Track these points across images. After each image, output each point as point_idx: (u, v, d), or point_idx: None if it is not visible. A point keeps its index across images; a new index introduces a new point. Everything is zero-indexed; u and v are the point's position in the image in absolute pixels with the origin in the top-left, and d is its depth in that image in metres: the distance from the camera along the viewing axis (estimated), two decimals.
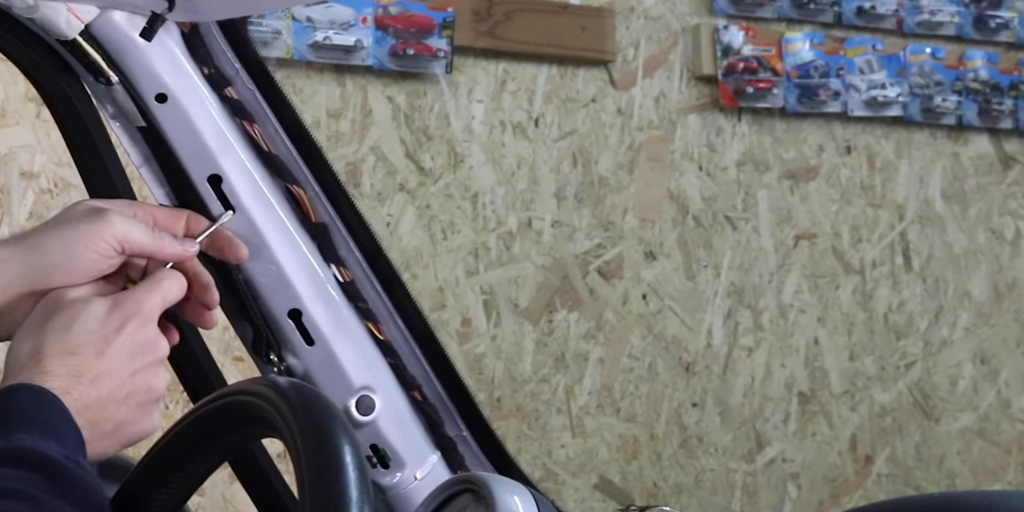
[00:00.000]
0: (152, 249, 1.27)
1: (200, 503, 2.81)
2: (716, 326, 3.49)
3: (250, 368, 1.43)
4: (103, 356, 1.20)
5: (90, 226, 1.24)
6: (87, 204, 1.28)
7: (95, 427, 1.18)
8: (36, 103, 2.73)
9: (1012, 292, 3.85)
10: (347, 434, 1.10)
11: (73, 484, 1.09)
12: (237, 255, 1.34)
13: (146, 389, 1.23)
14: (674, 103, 3.46)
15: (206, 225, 1.33)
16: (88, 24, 1.31)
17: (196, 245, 1.31)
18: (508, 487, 1.23)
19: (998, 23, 3.83)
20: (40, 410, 1.14)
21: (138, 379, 1.22)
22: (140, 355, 1.22)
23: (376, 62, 3.09)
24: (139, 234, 1.26)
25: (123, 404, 1.21)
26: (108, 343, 1.21)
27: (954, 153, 3.80)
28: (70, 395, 1.17)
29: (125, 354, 1.21)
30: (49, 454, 1.09)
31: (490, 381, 3.22)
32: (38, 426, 1.12)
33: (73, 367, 1.18)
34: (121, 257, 1.26)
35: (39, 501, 1.05)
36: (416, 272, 3.14)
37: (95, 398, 1.19)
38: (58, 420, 1.14)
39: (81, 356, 1.19)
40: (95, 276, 1.25)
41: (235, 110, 1.37)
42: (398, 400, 1.42)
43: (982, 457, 3.80)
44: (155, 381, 1.23)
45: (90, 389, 1.19)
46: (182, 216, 1.33)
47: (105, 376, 1.20)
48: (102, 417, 1.19)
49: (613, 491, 3.36)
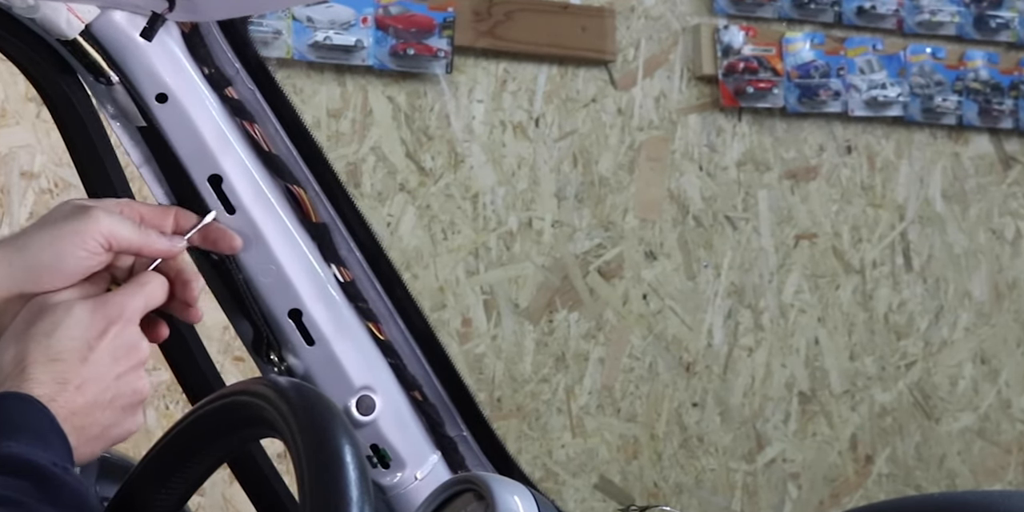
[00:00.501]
0: (139, 245, 1.27)
1: (200, 503, 2.81)
2: (716, 326, 3.49)
3: (250, 368, 1.43)
4: (87, 362, 1.20)
5: (76, 224, 1.24)
6: (72, 203, 1.28)
7: (81, 432, 1.18)
8: (36, 103, 2.73)
9: (1012, 292, 3.85)
10: (347, 434, 1.10)
11: (61, 490, 1.09)
12: (231, 245, 1.34)
13: (131, 392, 1.22)
14: (674, 103, 3.46)
15: (195, 221, 1.33)
16: (88, 24, 1.31)
17: (184, 241, 1.30)
18: (508, 487, 1.23)
19: (998, 23, 3.83)
20: (27, 418, 1.14)
21: (122, 382, 1.22)
22: (123, 358, 1.22)
23: (376, 62, 3.09)
24: (125, 230, 1.26)
25: (108, 408, 1.21)
26: (91, 348, 1.20)
27: (954, 153, 3.80)
28: (56, 402, 1.17)
29: (108, 358, 1.21)
30: (37, 460, 1.09)
31: (490, 381, 3.22)
32: (25, 433, 1.11)
33: (58, 374, 1.18)
34: (109, 254, 1.25)
35: (27, 507, 1.05)
36: (416, 272, 3.14)
37: (81, 405, 1.19)
38: (45, 427, 1.14)
39: (65, 363, 1.19)
40: (84, 274, 1.25)
41: (235, 110, 1.37)
42: (398, 400, 1.42)
43: (982, 457, 3.80)
44: (139, 383, 1.23)
45: (76, 396, 1.18)
46: (170, 213, 1.32)
47: (90, 382, 1.19)
48: (88, 422, 1.19)
49: (613, 491, 3.36)
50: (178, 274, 1.30)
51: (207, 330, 1.42)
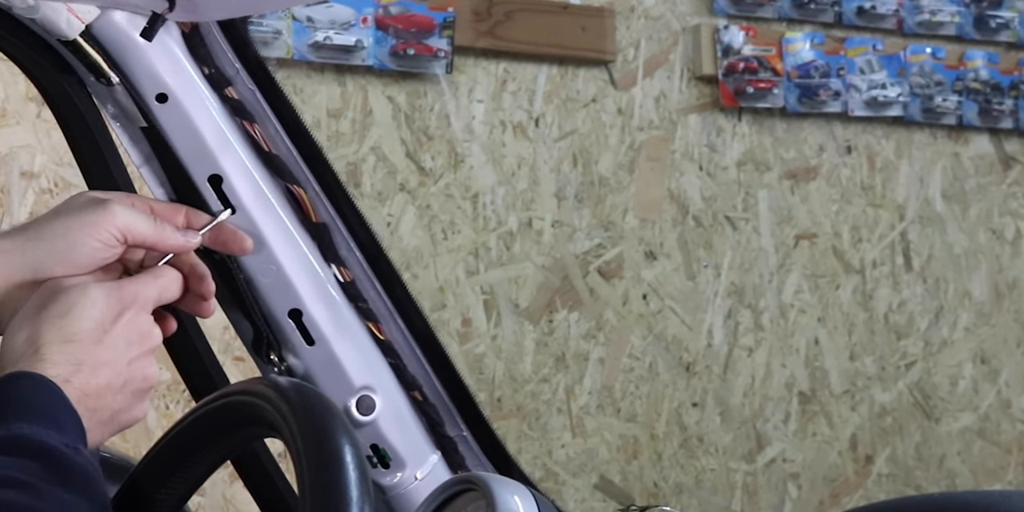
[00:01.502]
0: (154, 239, 1.27)
1: (200, 503, 2.81)
2: (716, 326, 3.49)
3: (250, 368, 1.43)
4: (101, 344, 1.20)
5: (92, 216, 1.24)
6: (88, 195, 1.28)
7: (93, 415, 1.18)
8: (36, 103, 2.73)
9: (1012, 292, 3.85)
10: (347, 434, 1.10)
11: (72, 472, 1.08)
12: (242, 247, 1.34)
13: (141, 378, 1.22)
14: (674, 103, 3.46)
15: (205, 220, 1.33)
16: (89, 24, 1.31)
17: (199, 237, 1.31)
18: (508, 487, 1.23)
19: (998, 23, 3.83)
20: (40, 398, 1.13)
21: (134, 368, 1.22)
22: (136, 344, 1.22)
23: (376, 62, 3.09)
24: (141, 224, 1.26)
25: (120, 392, 1.20)
26: (106, 331, 1.20)
27: (954, 153, 3.80)
28: (70, 383, 1.16)
29: (122, 342, 1.21)
30: (48, 442, 1.09)
31: (490, 381, 3.22)
32: (38, 414, 1.11)
33: (72, 355, 1.18)
34: (122, 247, 1.26)
35: (38, 489, 1.05)
36: (416, 272, 3.14)
37: (94, 387, 1.18)
38: (58, 408, 1.14)
39: (80, 344, 1.19)
40: (97, 265, 1.25)
41: (235, 110, 1.37)
42: (398, 400, 1.42)
43: (982, 457, 3.80)
44: (150, 370, 1.23)
45: (90, 378, 1.18)
46: (181, 210, 1.33)
47: (104, 365, 1.19)
48: (100, 405, 1.19)
49: (613, 491, 3.36)
50: (192, 269, 1.30)
51: (207, 330, 1.42)
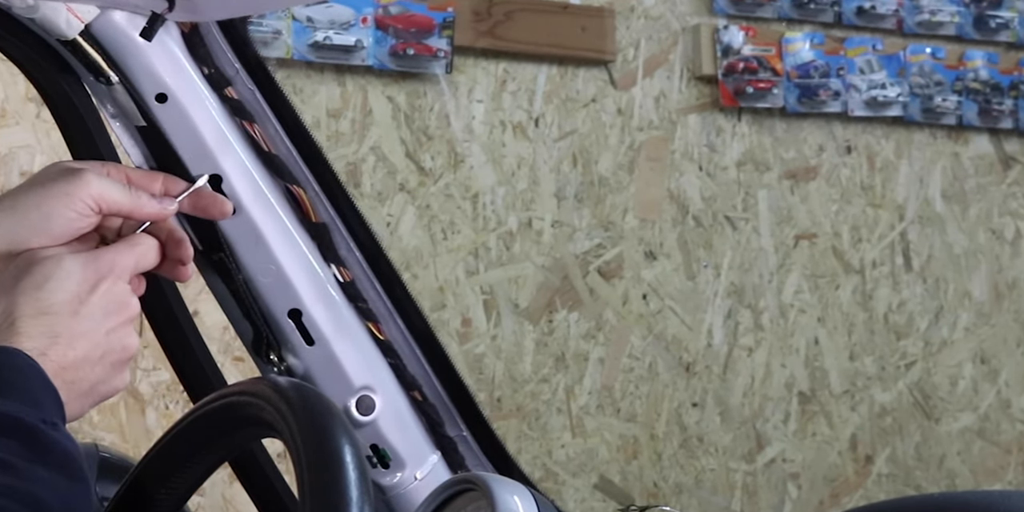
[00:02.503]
0: (130, 208, 1.26)
1: (200, 503, 2.81)
2: (716, 326, 3.49)
3: (250, 368, 1.43)
4: (78, 315, 1.18)
5: (66, 186, 1.23)
6: (62, 165, 1.26)
7: (71, 388, 1.16)
8: (36, 103, 2.73)
9: (1012, 292, 3.85)
10: (347, 434, 1.10)
11: (50, 449, 1.06)
12: (223, 211, 1.33)
13: (120, 348, 1.21)
14: (674, 103, 3.46)
15: (183, 187, 1.32)
16: (88, 24, 1.31)
17: (175, 203, 1.29)
18: (508, 487, 1.23)
19: (998, 23, 3.83)
20: (15, 373, 1.11)
21: (112, 338, 1.20)
22: (114, 314, 1.20)
23: (376, 62, 3.09)
24: (116, 193, 1.24)
25: (98, 364, 1.19)
26: (82, 302, 1.19)
27: (954, 153, 3.80)
28: (46, 357, 1.14)
29: (100, 313, 1.19)
30: (24, 418, 1.06)
31: (490, 381, 3.22)
32: (13, 390, 1.09)
33: (48, 328, 1.16)
34: (97, 217, 1.24)
35: (16, 468, 1.03)
36: (416, 272, 3.14)
37: (72, 359, 1.17)
38: (35, 383, 1.11)
39: (56, 316, 1.17)
40: (72, 236, 1.23)
41: (235, 110, 1.37)
42: (398, 400, 1.42)
43: (982, 457, 3.80)
44: (129, 340, 1.21)
45: (67, 350, 1.16)
46: (158, 177, 1.31)
47: (81, 336, 1.18)
48: (78, 377, 1.17)
49: (613, 491, 3.35)
50: (170, 234, 1.29)
51: (207, 330, 1.42)
